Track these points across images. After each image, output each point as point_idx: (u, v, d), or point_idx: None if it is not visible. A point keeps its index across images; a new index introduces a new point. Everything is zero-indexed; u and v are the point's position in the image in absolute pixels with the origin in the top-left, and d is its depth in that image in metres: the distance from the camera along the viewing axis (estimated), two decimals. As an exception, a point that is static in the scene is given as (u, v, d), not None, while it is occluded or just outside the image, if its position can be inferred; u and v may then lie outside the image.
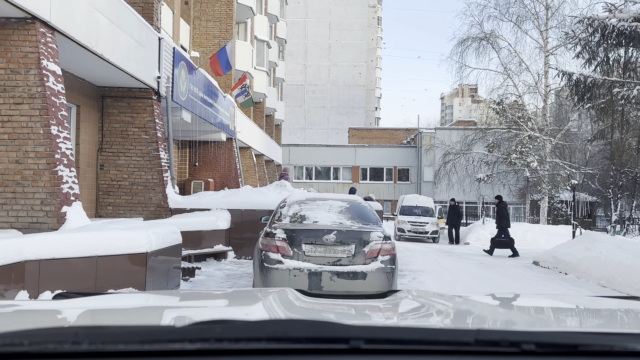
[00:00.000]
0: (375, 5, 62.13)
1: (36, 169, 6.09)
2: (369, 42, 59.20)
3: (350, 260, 5.11)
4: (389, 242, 5.22)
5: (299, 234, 5.23)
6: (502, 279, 9.09)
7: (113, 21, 8.14)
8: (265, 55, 24.31)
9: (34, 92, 6.09)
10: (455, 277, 8.94)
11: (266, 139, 26.33)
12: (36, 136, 6.08)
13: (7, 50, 6.14)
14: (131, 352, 0.80)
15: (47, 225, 6.01)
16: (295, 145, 42.25)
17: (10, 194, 6.09)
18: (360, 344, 0.82)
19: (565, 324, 1.35)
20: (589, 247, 9.51)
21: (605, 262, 8.60)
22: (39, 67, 6.12)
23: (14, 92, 6.08)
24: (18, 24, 6.09)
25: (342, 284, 4.99)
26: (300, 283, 4.90)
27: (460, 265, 10.88)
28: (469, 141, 19.54)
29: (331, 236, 5.15)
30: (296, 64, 55.93)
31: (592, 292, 7.76)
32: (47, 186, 6.07)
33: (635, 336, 0.97)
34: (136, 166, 9.93)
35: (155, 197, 9.98)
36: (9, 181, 6.08)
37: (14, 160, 6.09)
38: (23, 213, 6.07)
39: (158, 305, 1.51)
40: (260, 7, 23.64)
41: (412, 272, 9.43)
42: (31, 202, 6.06)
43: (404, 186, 39.65)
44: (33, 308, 1.42)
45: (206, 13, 17.59)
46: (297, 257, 5.10)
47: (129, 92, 9.94)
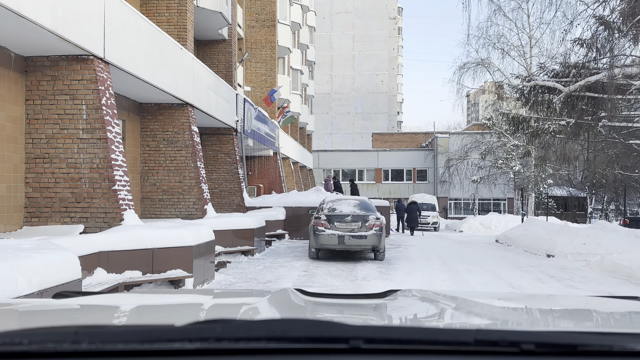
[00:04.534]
0: (396, 17, 66.55)
1: (190, 186, 11.26)
2: (390, 52, 63.69)
3: (359, 229, 10.04)
4: (378, 220, 10.14)
5: (332, 217, 10.21)
6: (467, 250, 13.81)
7: (215, 92, 13.31)
8: (299, 80, 29.41)
9: (188, 143, 11.27)
10: (433, 249, 13.71)
11: (300, 148, 31.40)
12: (189, 168, 11.25)
13: (169, 118, 11.30)
14: (131, 352, 0.81)
15: (197, 216, 11.15)
16: (324, 150, 47.21)
17: (176, 199, 11.28)
18: (359, 343, 0.82)
19: (565, 323, 1.33)
20: (526, 228, 14.19)
21: (530, 237, 13.29)
22: (190, 130, 11.29)
23: (179, 144, 11.27)
24: (179, 107, 11.27)
25: (355, 241, 9.93)
26: (333, 241, 9.87)
27: (442, 243, 15.67)
28: (466, 149, 24.12)
29: (349, 218, 10.11)
30: (323, 74, 60.91)
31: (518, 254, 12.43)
32: (196, 195, 11.23)
33: (635, 336, 0.96)
34: (224, 179, 15.10)
35: (236, 199, 15.13)
36: (175, 191, 11.28)
37: (178, 181, 11.29)
38: (183, 209, 11.24)
39: (158, 305, 1.52)
40: (294, 41, 28.71)
41: (406, 246, 14.28)
42: (188, 204, 11.23)
43: (422, 185, 44.06)
44: (33, 307, 1.43)
45: (255, 57, 22.76)
46: (332, 228, 10.07)
47: (217, 131, 15.09)
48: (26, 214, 7.38)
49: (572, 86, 11.61)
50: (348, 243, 9.97)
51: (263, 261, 10.09)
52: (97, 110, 7.28)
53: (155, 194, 11.24)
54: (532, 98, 13.64)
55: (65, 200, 7.32)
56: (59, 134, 7.34)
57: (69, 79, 7.30)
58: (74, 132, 7.30)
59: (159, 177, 11.27)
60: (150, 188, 11.25)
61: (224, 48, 15.54)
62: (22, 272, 3.47)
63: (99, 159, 7.27)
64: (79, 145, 7.29)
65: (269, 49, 23.04)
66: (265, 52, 22.93)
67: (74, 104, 7.30)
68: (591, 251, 10.41)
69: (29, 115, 7.36)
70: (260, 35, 22.89)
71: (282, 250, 12.39)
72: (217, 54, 15.47)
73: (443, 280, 8.10)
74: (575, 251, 10.81)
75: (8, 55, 7.08)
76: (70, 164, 7.31)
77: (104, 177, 7.27)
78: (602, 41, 12.70)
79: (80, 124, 7.27)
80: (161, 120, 11.24)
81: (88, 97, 7.27)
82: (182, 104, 11.20)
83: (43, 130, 7.34)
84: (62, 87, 7.32)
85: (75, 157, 7.27)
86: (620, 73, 11.10)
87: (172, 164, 11.27)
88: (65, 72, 7.31)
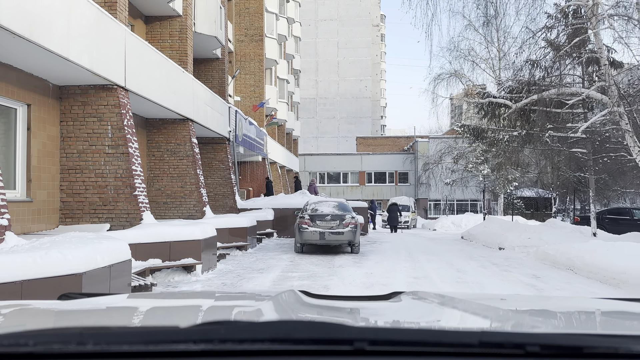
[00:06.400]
0: (379, 24, 68.69)
1: (190, 190, 12.91)
2: (373, 58, 65.77)
3: (337, 227, 11.79)
4: (354, 219, 11.91)
5: (314, 216, 11.94)
6: (433, 245, 15.64)
7: (211, 107, 14.96)
8: (285, 89, 31.14)
9: (189, 153, 12.91)
10: (404, 245, 15.52)
11: (287, 153, 33.09)
12: (190, 175, 12.90)
13: (172, 131, 12.92)
14: (135, 353, 0.81)
15: (196, 217, 12.78)
16: (310, 154, 48.95)
17: (178, 202, 12.92)
18: (364, 345, 0.82)
19: (570, 325, 1.33)
20: (486, 225, 16.09)
21: (488, 233, 15.18)
22: (190, 142, 12.93)
23: (180, 154, 12.90)
24: (181, 121, 12.90)
25: (333, 237, 11.68)
26: (315, 237, 11.60)
27: (414, 240, 17.51)
28: (440, 154, 26.11)
29: (329, 217, 11.86)
30: (308, 79, 62.71)
31: (476, 248, 14.29)
32: (196, 199, 12.88)
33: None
34: (218, 184, 16.73)
35: (229, 202, 16.78)
36: (177, 195, 12.91)
37: (180, 186, 12.92)
38: (185, 211, 12.87)
39: (162, 306, 1.54)
40: (281, 53, 30.44)
41: (381, 242, 16.08)
42: (189, 206, 12.88)
43: (404, 187, 46.08)
44: (38, 308, 1.44)
45: (245, 69, 24.43)
46: (314, 226, 11.80)
47: (212, 140, 16.72)
48: (61, 215, 8.98)
49: (520, 103, 13.50)
50: (328, 238, 11.72)
51: (255, 254, 11.78)
52: (120, 130, 8.93)
53: (160, 197, 12.86)
54: (490, 112, 15.56)
55: (94, 204, 8.93)
56: (88, 149, 8.96)
57: (97, 104, 8.94)
58: (101, 148, 8.93)
59: (164, 183, 12.89)
60: (155, 193, 12.86)
61: (218, 66, 17.21)
62: (98, 252, 5.14)
63: (122, 170, 8.91)
64: (105, 159, 8.92)
65: (257, 62, 24.75)
66: (254, 64, 24.63)
67: (100, 124, 8.93)
68: (534, 244, 12.29)
69: (63, 134, 8.97)
70: (249, 48, 24.59)
71: (271, 246, 14.08)
72: (212, 71, 17.12)
73: (404, 267, 9.87)
74: (522, 244, 12.70)
75: (47, 85, 8.70)
76: (98, 174, 8.93)
77: (126, 184, 8.91)
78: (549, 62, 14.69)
79: (106, 141, 8.90)
80: (165, 134, 12.87)
81: (113, 119, 8.91)
82: (184, 119, 12.84)
83: (75, 146, 8.96)
84: (91, 110, 8.95)
85: (102, 169, 8.90)
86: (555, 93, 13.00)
87: (174, 171, 12.91)
88: (94, 99, 8.94)
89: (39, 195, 8.45)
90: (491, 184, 25.05)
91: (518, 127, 14.97)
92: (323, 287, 7.65)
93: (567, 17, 15.49)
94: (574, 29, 14.58)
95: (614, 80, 13.23)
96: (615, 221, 20.33)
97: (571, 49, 14.57)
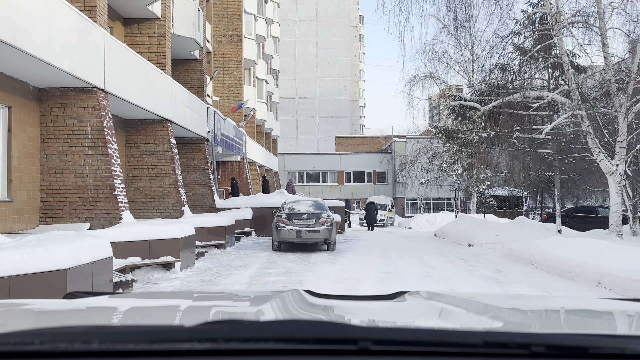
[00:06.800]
0: (357, 25, 69.30)
1: (169, 190, 13.13)
2: (352, 58, 66.36)
3: (313, 225, 12.17)
4: (329, 218, 12.31)
5: (291, 215, 12.30)
6: (407, 242, 16.15)
7: (190, 107, 15.18)
8: (264, 89, 31.40)
9: (167, 154, 13.13)
10: (379, 242, 15.99)
11: (266, 153, 33.35)
12: (168, 175, 13.12)
13: (150, 132, 13.11)
14: (140, 352, 0.82)
15: (175, 216, 13.01)
16: (289, 154, 49.24)
17: (157, 202, 13.12)
18: (368, 345, 0.83)
19: (575, 326, 1.33)
20: (457, 223, 16.69)
21: (459, 231, 15.77)
22: (169, 142, 13.15)
23: (159, 154, 13.11)
24: (159, 122, 13.11)
25: (310, 235, 12.07)
26: (292, 235, 11.97)
27: (389, 237, 18.02)
28: (416, 154, 26.74)
29: (305, 216, 12.24)
30: (288, 79, 62.93)
31: (447, 245, 14.85)
32: (174, 198, 13.11)
33: None
34: (197, 183, 16.94)
35: (208, 201, 17.01)
36: (156, 195, 13.11)
37: (158, 186, 13.13)
38: (164, 211, 13.09)
39: (167, 305, 1.55)
40: (259, 53, 30.68)
41: (357, 240, 16.53)
42: (168, 206, 13.10)
43: (382, 187, 46.74)
44: (44, 307, 1.46)
45: (223, 69, 24.63)
46: (291, 224, 12.16)
47: (191, 140, 16.92)
48: (41, 215, 9.15)
49: (488, 106, 14.10)
50: (304, 236, 12.10)
51: (234, 252, 12.08)
52: (99, 132, 9.14)
53: (138, 197, 13.04)
54: (461, 114, 16.15)
55: (74, 204, 9.13)
56: (68, 150, 9.14)
57: (77, 106, 9.13)
58: (80, 149, 9.12)
59: (142, 183, 13.08)
60: (134, 192, 13.03)
61: (196, 67, 17.41)
62: (82, 249, 5.42)
63: (101, 170, 9.13)
64: (85, 160, 9.12)
65: (236, 62, 24.97)
66: (232, 65, 24.84)
67: (80, 126, 9.13)
68: (501, 241, 12.89)
69: (43, 136, 9.14)
70: (228, 49, 24.78)
71: (249, 245, 14.38)
72: (190, 72, 17.32)
73: (377, 263, 10.31)
74: (490, 241, 13.29)
75: (27, 88, 8.86)
76: (78, 174, 9.13)
77: (106, 184, 9.13)
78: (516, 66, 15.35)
79: (86, 142, 9.11)
80: (143, 134, 13.05)
81: (92, 120, 9.11)
82: (162, 120, 13.05)
83: (55, 147, 9.13)
84: (71, 112, 9.14)
85: (82, 169, 9.10)
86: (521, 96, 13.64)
87: (153, 171, 13.11)
88: (73, 101, 9.13)
89: (19, 196, 8.61)
90: (464, 183, 25.79)
91: (488, 128, 15.59)
92: (298, 282, 8.02)
93: (533, 23, 16.20)
94: (541, 34, 15.27)
95: (576, 84, 13.93)
96: (581, 219, 21.22)
97: (538, 54, 15.26)
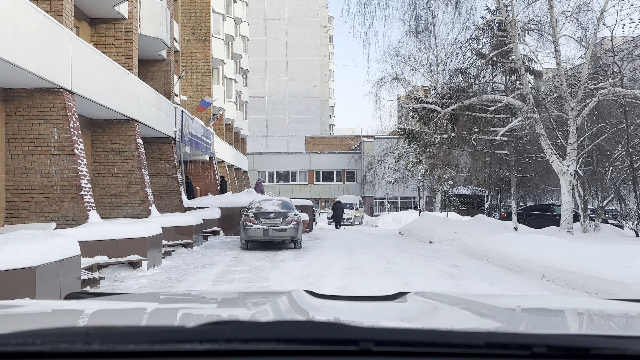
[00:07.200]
0: (327, 25, 69.87)
1: (135, 190, 13.19)
2: (322, 58, 66.84)
3: (280, 224, 12.49)
4: (296, 216, 12.66)
5: (259, 214, 12.59)
6: (372, 240, 16.65)
7: (157, 107, 15.23)
8: (233, 88, 31.44)
9: (134, 154, 13.19)
10: (345, 240, 16.44)
11: (235, 152, 33.38)
12: (135, 174, 13.19)
13: (117, 132, 13.14)
14: (142, 352, 0.82)
15: (142, 216, 13.09)
16: (259, 153, 49.29)
17: (123, 202, 13.17)
18: (370, 345, 0.83)
19: (577, 326, 1.33)
20: (420, 221, 17.31)
21: (422, 228, 16.37)
22: (135, 142, 13.21)
23: (125, 154, 13.15)
24: (126, 122, 13.15)
25: (277, 233, 12.38)
26: (259, 233, 12.26)
27: (355, 235, 18.51)
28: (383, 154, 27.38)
29: (272, 215, 12.54)
30: (258, 78, 62.89)
31: (410, 242, 15.41)
32: (141, 198, 13.19)
33: None
34: (164, 183, 16.99)
35: (175, 201, 17.08)
36: (122, 195, 13.16)
37: (125, 186, 13.18)
38: (130, 210, 13.14)
39: (168, 306, 1.56)
40: (228, 52, 30.71)
41: (324, 238, 16.93)
42: (134, 205, 13.16)
43: (351, 186, 47.34)
44: (45, 308, 1.46)
45: (191, 68, 24.60)
46: (259, 223, 12.44)
47: (158, 140, 16.95)
48: (6, 214, 9.15)
49: (448, 109, 14.73)
50: (271, 235, 12.40)
51: (201, 251, 12.28)
52: (66, 132, 9.21)
53: (105, 197, 13.06)
54: (424, 115, 16.76)
55: (40, 204, 9.17)
56: (34, 150, 9.18)
57: (43, 106, 9.17)
58: (47, 149, 9.17)
59: (108, 183, 13.11)
60: (100, 192, 13.04)
61: (164, 66, 17.44)
62: (50, 248, 5.59)
63: (68, 171, 9.20)
64: (51, 160, 9.17)
65: (204, 61, 24.98)
66: (201, 64, 24.84)
67: (46, 126, 9.18)
68: (460, 238, 13.52)
69: (9, 136, 9.14)
70: (196, 48, 24.77)
71: (217, 244, 14.57)
72: (157, 72, 17.33)
73: (341, 260, 10.72)
74: (449, 238, 13.91)
75: (-9, 88, 8.85)
76: (44, 174, 9.17)
77: (72, 184, 9.21)
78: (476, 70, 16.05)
79: (52, 142, 9.16)
80: (110, 134, 13.08)
81: (58, 121, 9.17)
82: (129, 120, 13.10)
83: (21, 147, 9.15)
84: (37, 113, 9.17)
85: (48, 169, 9.15)
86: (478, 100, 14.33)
87: (119, 171, 13.15)
88: (39, 101, 9.16)
89: (-17, 196, 8.61)
90: (429, 182, 26.61)
91: (449, 130, 16.25)
92: (263, 279, 8.33)
93: (492, 29, 16.96)
94: (499, 40, 16.02)
95: (530, 89, 14.71)
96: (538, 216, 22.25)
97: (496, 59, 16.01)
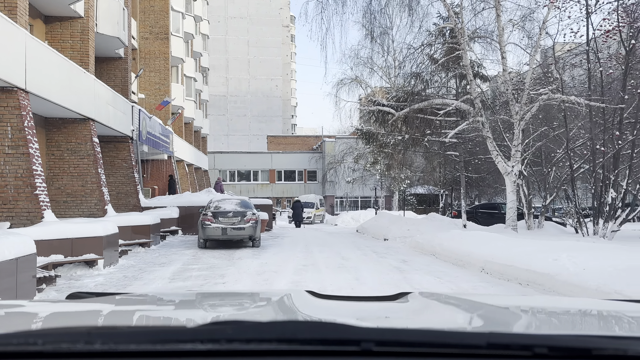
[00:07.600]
0: (289, 25, 70.09)
1: (91, 189, 13.12)
2: (284, 58, 67.05)
3: (239, 223, 12.73)
4: (254, 215, 12.94)
5: (217, 213, 12.78)
6: (330, 238, 17.10)
7: (113, 106, 15.14)
8: (193, 87, 31.24)
9: (90, 153, 13.11)
10: (304, 238, 16.81)
11: (195, 151, 33.17)
12: (91, 174, 13.11)
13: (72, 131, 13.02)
14: (143, 352, 0.82)
15: (98, 216, 13.04)
16: (220, 152, 49.01)
17: (79, 201, 13.07)
18: (371, 346, 0.83)
19: (578, 327, 1.33)
20: (377, 220, 17.90)
21: (377, 226, 16.96)
22: (91, 141, 13.13)
23: (81, 153, 13.05)
24: (82, 121, 13.05)
25: (235, 232, 12.62)
26: (218, 232, 12.46)
27: (314, 234, 18.93)
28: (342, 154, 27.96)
29: (231, 214, 12.77)
30: (219, 76, 62.41)
31: (366, 240, 15.95)
32: (97, 198, 13.12)
33: None
34: (121, 182, 16.86)
35: (132, 200, 16.98)
36: (78, 194, 13.06)
37: (80, 185, 13.08)
38: (86, 210, 13.06)
39: (169, 306, 1.56)
40: (188, 51, 30.49)
41: (283, 237, 17.25)
42: (90, 205, 13.09)
43: (312, 185, 47.79)
44: (46, 308, 1.47)
45: (149, 66, 24.35)
46: (217, 222, 12.64)
47: (115, 139, 16.81)
48: (-44, 214, 9.01)
49: (402, 112, 15.38)
50: (230, 234, 12.63)
51: (158, 251, 12.36)
52: (20, 131, 9.15)
53: (60, 196, 12.92)
54: (380, 117, 17.37)
55: (-8, 203, 9.08)
56: (-15, 149, 9.07)
57: (-5, 105, 9.08)
58: (0, 149, 9.09)
59: (64, 182, 12.98)
60: (55, 192, 12.90)
61: (121, 65, 17.28)
62: (5, 246, 5.69)
63: (22, 170, 9.15)
64: (4, 159, 9.10)
65: (163, 60, 24.78)
66: (159, 62, 24.63)
67: (0, 126, 9.09)
68: (412, 235, 14.15)
69: (-42, 134, 9.00)
70: (154, 46, 24.53)
71: (175, 243, 14.65)
72: (114, 70, 17.16)
73: (297, 257, 11.08)
74: (402, 235, 14.53)
75: (-60, 85, 8.71)
76: (-3, 173, 9.09)
77: (27, 184, 9.17)
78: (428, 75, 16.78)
79: (6, 142, 9.09)
80: (65, 133, 12.95)
81: (13, 120, 9.11)
82: (85, 119, 13.02)
83: (-29, 146, 9.03)
84: (-11, 112, 9.07)
85: (2, 169, 9.08)
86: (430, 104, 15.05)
87: (75, 170, 13.04)
88: (-8, 100, 9.07)
89: None
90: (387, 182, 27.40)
91: (403, 132, 16.92)
92: (220, 276, 8.59)
93: (444, 35, 17.76)
94: (450, 47, 16.81)
95: (478, 93, 15.54)
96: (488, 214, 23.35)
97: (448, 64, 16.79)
